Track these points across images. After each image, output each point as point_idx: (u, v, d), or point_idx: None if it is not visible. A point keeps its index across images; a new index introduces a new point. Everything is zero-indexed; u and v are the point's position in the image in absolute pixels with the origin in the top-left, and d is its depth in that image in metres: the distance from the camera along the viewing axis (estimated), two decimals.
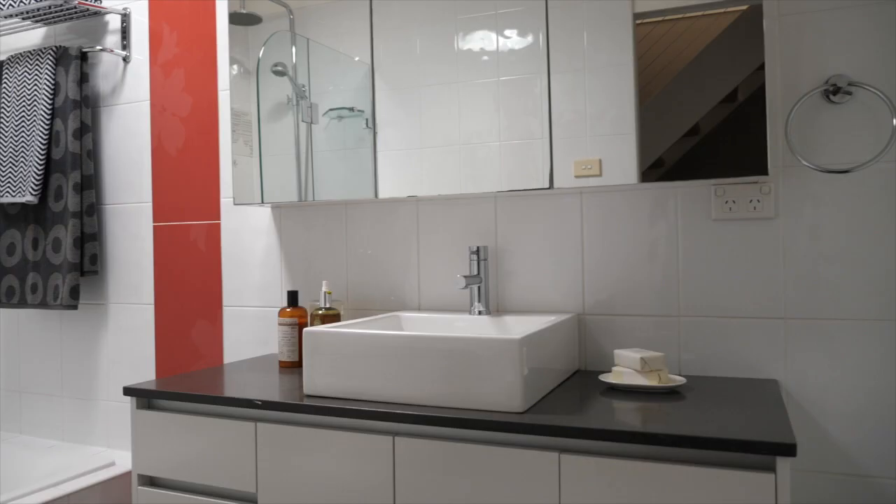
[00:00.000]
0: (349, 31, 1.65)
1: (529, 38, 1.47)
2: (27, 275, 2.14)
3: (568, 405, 1.20)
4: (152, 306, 2.08)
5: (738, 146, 1.31)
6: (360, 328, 1.39)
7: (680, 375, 1.46)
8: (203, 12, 1.99)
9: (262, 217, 1.93)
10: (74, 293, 2.03)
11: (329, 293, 1.66)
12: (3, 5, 2.03)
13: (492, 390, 1.16)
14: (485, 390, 1.17)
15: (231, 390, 1.38)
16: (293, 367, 1.63)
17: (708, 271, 1.46)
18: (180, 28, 2.03)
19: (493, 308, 1.64)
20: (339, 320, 1.66)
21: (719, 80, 1.33)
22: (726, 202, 1.44)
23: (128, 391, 1.43)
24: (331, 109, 1.69)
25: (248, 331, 1.95)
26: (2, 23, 2.15)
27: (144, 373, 2.10)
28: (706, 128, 1.34)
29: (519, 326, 1.51)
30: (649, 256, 1.50)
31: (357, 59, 1.63)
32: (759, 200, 1.41)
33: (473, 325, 1.56)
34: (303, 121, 1.71)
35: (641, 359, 1.30)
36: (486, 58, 1.52)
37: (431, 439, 1.17)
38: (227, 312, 1.98)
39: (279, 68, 1.74)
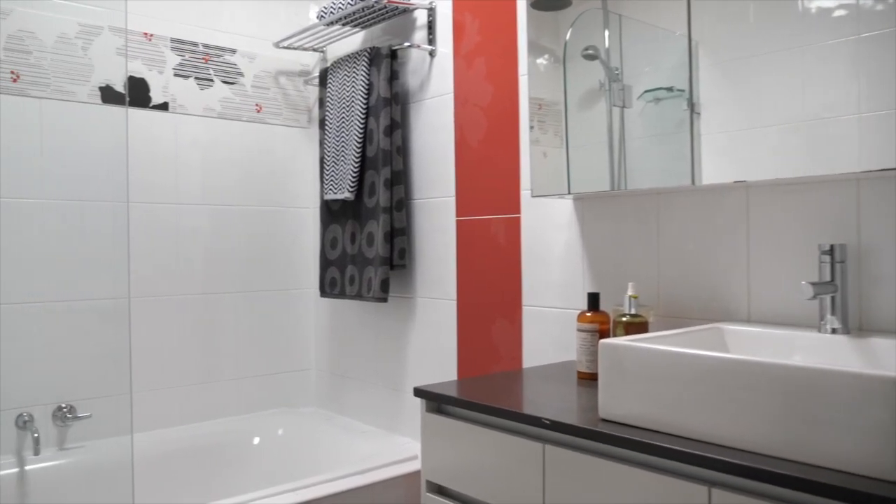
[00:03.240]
0: (666, 3, 1.41)
1: None
2: (346, 267, 2.27)
3: None
4: (455, 302, 2.06)
5: None
6: (671, 344, 1.14)
7: None
8: None
9: (563, 210, 1.77)
10: (384, 286, 2.08)
11: (635, 297, 1.43)
12: (325, 14, 2.17)
13: (850, 445, 0.84)
14: (838, 443, 0.85)
15: (521, 403, 1.24)
16: (592, 379, 1.44)
17: None
18: (482, 16, 1.96)
19: (854, 325, 1.26)
20: (646, 329, 1.42)
21: None
22: None
23: (417, 392, 1.38)
24: (646, 91, 1.47)
25: (548, 333, 1.81)
26: (326, 31, 2.31)
27: (447, 369, 2.08)
28: None
29: (894, 355, 1.13)
30: None
31: (678, 33, 1.39)
32: None
33: (825, 349, 1.20)
34: (615, 105, 1.52)
35: None
36: (840, 12, 1.16)
37: (760, 499, 0.89)
38: (527, 312, 1.86)
39: (590, 52, 1.56)
